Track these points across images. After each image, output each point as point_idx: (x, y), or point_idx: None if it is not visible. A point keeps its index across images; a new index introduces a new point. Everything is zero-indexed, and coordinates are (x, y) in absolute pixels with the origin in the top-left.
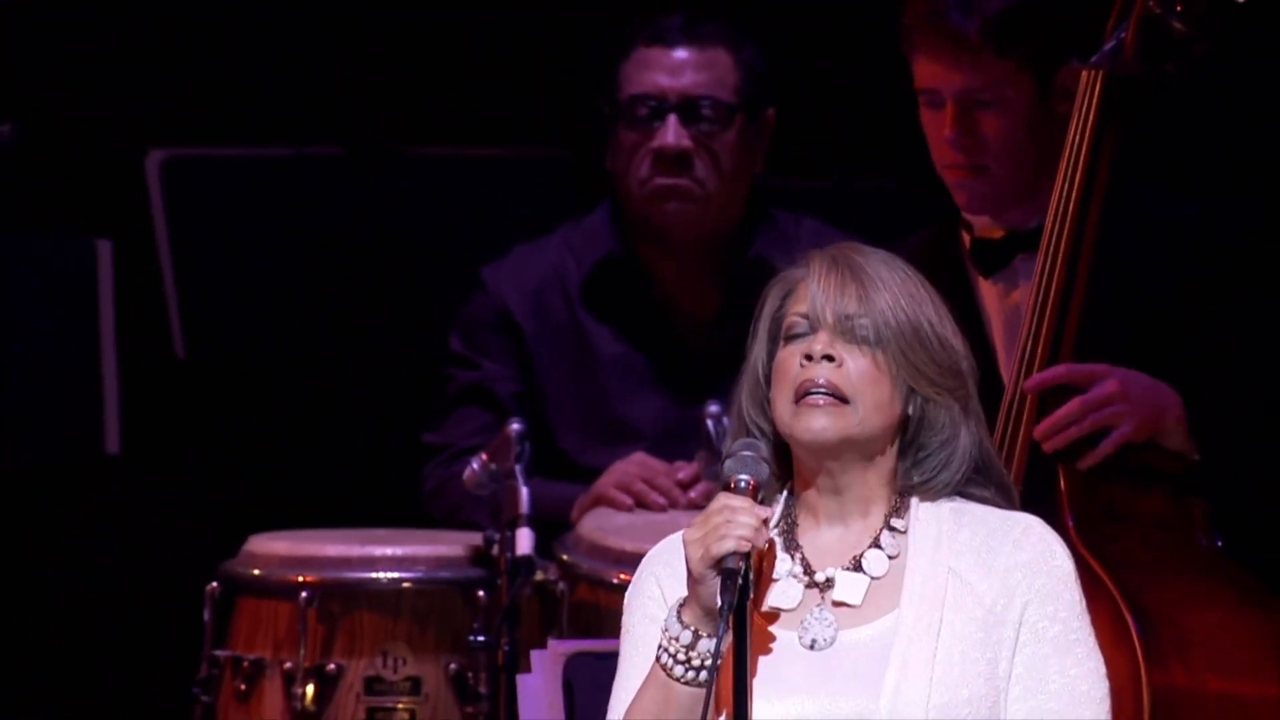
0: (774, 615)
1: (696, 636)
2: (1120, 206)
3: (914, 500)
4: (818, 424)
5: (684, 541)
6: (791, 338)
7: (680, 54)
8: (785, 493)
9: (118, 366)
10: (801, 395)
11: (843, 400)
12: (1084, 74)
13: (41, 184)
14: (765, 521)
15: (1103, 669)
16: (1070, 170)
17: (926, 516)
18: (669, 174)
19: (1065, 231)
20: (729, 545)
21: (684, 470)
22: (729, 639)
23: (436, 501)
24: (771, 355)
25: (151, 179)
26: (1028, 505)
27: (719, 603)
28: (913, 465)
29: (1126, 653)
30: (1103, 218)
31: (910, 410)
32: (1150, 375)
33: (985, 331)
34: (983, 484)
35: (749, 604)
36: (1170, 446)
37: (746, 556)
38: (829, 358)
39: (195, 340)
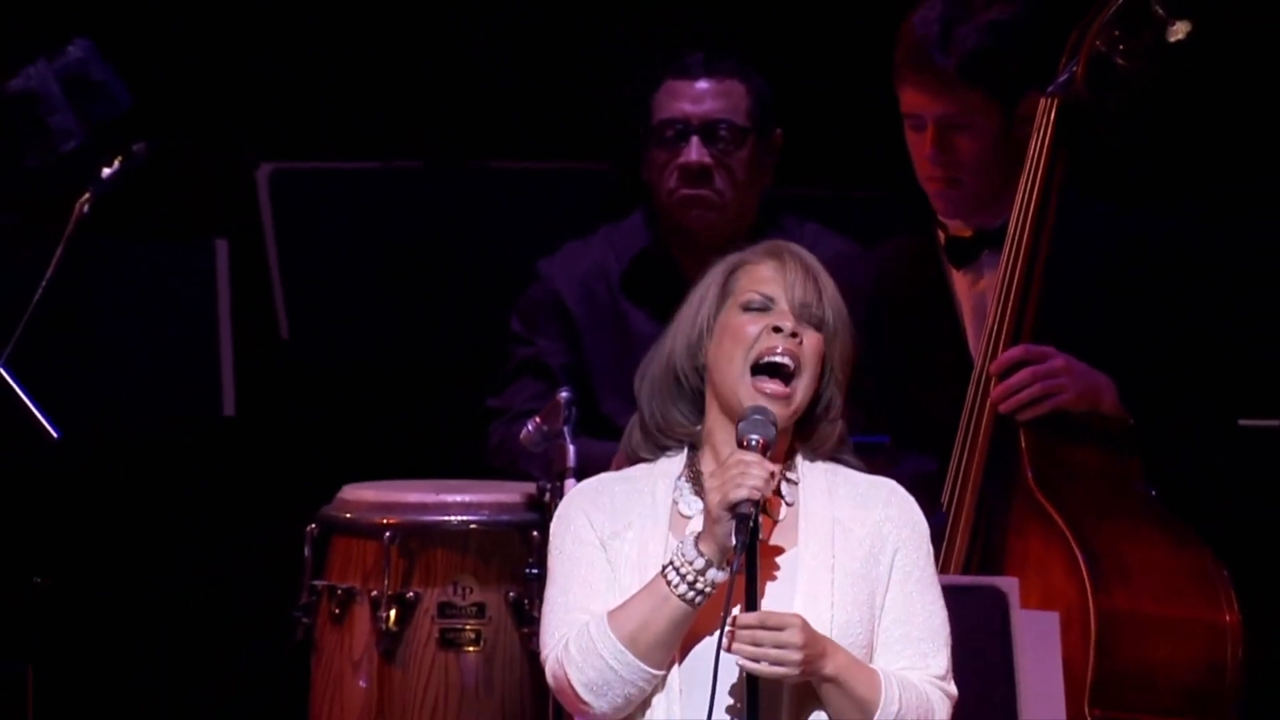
0: None
1: (708, 565)
2: (1081, 218)
3: (800, 460)
4: (765, 404)
5: (705, 489)
6: (751, 309)
7: (701, 85)
8: (686, 448)
9: (233, 344)
10: (760, 359)
11: (794, 375)
12: (1041, 101)
13: (170, 193)
14: (772, 475)
15: (947, 616)
16: (1030, 181)
17: (812, 473)
18: (692, 186)
19: (1025, 232)
20: (743, 493)
21: None
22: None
23: (498, 455)
24: (712, 318)
25: (261, 188)
26: (994, 463)
27: (732, 541)
28: (807, 435)
29: (1077, 582)
30: (1062, 226)
31: (821, 390)
32: (1097, 358)
33: (957, 314)
34: (847, 452)
35: (758, 543)
36: (1108, 411)
37: (756, 503)
38: (794, 334)
39: (297, 323)
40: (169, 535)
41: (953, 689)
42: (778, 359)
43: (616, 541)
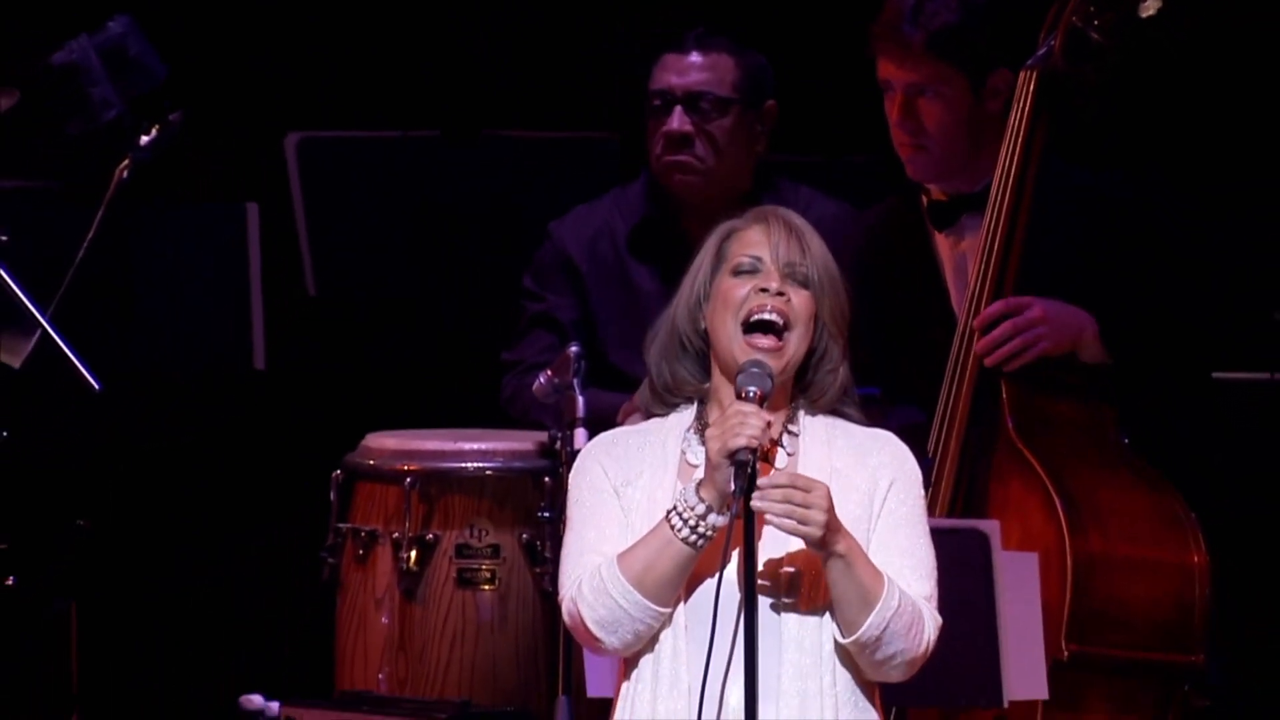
0: None
1: (708, 510)
2: (1060, 184)
3: (801, 413)
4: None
5: (706, 438)
6: (740, 272)
7: (690, 58)
8: (695, 402)
9: (263, 301)
10: (750, 318)
11: (785, 329)
12: (1022, 73)
13: (204, 160)
14: (768, 424)
15: (933, 553)
16: (1011, 149)
17: (812, 426)
18: (674, 153)
19: (1006, 197)
20: (741, 441)
21: None
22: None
23: (512, 405)
24: (708, 283)
25: (289, 155)
26: (977, 414)
27: (731, 487)
28: (806, 386)
29: (1054, 526)
30: (1041, 192)
31: (815, 343)
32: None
33: (940, 274)
34: (851, 405)
35: (755, 488)
36: (1088, 359)
37: (754, 451)
38: (780, 293)
39: (323, 280)
40: (203, 480)
41: (937, 615)
42: (766, 316)
43: (629, 489)
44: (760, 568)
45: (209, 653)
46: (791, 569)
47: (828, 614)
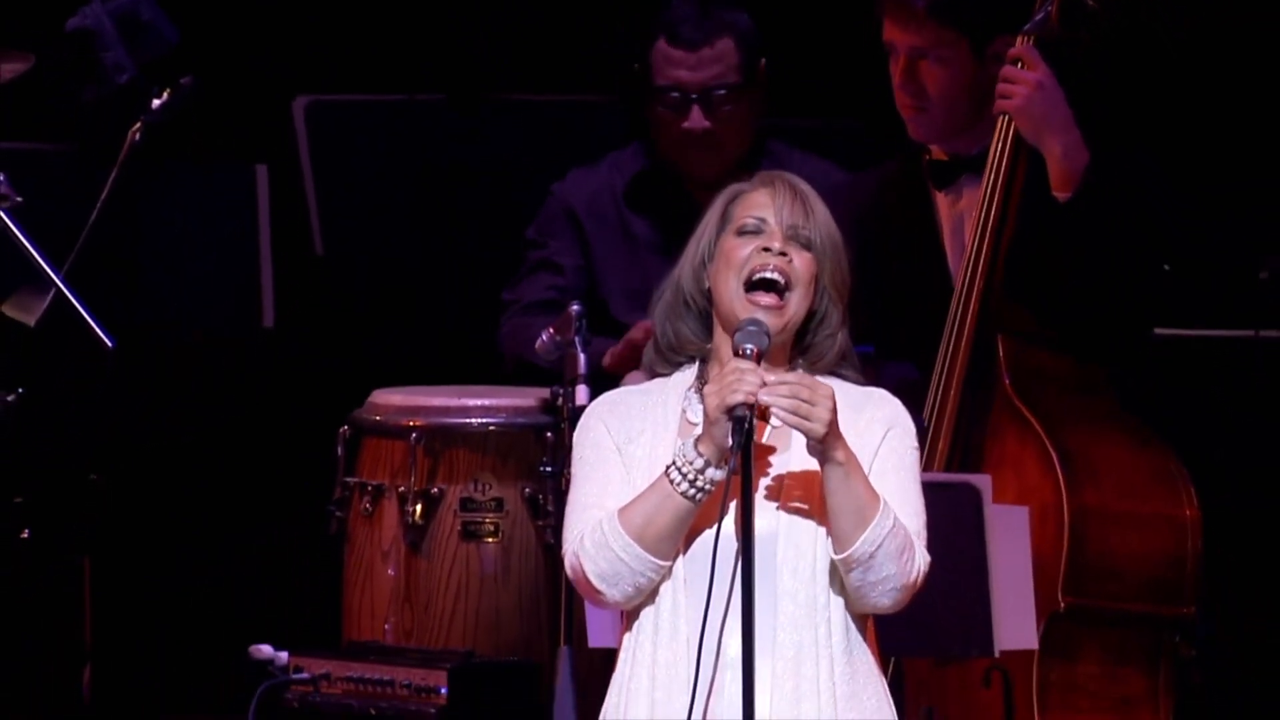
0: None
1: (707, 464)
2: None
3: (800, 372)
4: (760, 317)
5: (704, 394)
6: (744, 233)
7: (700, 54)
8: (697, 361)
9: (272, 260)
10: (752, 276)
11: (786, 289)
12: (1019, 38)
13: (215, 123)
14: (765, 383)
15: (923, 503)
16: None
17: None
18: (699, 147)
19: (1003, 162)
20: (739, 397)
21: None
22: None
23: (507, 342)
24: (713, 244)
25: (298, 118)
26: (974, 373)
27: (729, 442)
28: (805, 348)
29: (1051, 481)
30: (1035, 153)
31: (815, 306)
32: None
33: (938, 233)
34: (849, 368)
35: (753, 443)
36: (1051, 171)
37: (750, 407)
38: (783, 253)
39: (331, 241)
40: (214, 435)
41: (927, 554)
42: (767, 275)
43: (631, 446)
44: (769, 480)
45: (219, 604)
46: (791, 482)
47: (821, 567)
